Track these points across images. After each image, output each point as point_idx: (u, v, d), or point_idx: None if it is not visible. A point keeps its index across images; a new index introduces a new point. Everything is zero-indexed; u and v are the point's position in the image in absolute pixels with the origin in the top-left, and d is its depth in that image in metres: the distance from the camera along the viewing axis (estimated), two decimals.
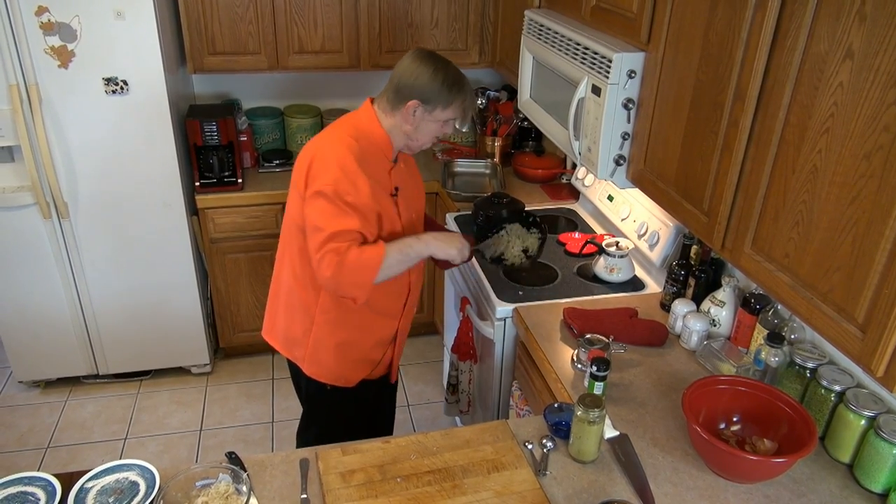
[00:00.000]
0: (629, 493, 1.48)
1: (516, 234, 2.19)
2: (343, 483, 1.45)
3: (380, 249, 1.76)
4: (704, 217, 1.62)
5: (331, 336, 1.96)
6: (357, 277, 1.74)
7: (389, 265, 1.78)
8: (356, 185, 1.74)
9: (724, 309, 1.95)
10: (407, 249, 1.82)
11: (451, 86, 1.79)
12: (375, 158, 1.84)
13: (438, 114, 1.82)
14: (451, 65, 1.83)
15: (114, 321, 3.19)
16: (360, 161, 1.77)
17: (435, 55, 1.83)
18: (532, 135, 3.46)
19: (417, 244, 1.85)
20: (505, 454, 1.54)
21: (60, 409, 3.24)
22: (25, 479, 1.43)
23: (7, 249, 2.94)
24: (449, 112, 1.83)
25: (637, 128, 1.90)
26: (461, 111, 1.86)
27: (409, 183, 1.99)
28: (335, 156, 1.76)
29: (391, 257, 1.77)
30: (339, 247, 1.71)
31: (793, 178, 1.33)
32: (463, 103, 1.84)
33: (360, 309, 1.89)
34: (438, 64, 1.80)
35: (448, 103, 1.81)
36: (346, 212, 1.73)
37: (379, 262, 1.75)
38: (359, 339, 2.00)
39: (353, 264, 1.72)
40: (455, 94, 1.81)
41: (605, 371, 1.66)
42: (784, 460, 1.43)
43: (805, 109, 1.28)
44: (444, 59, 1.83)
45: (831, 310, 1.27)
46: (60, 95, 2.70)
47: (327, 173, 1.74)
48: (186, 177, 3.10)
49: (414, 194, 2.02)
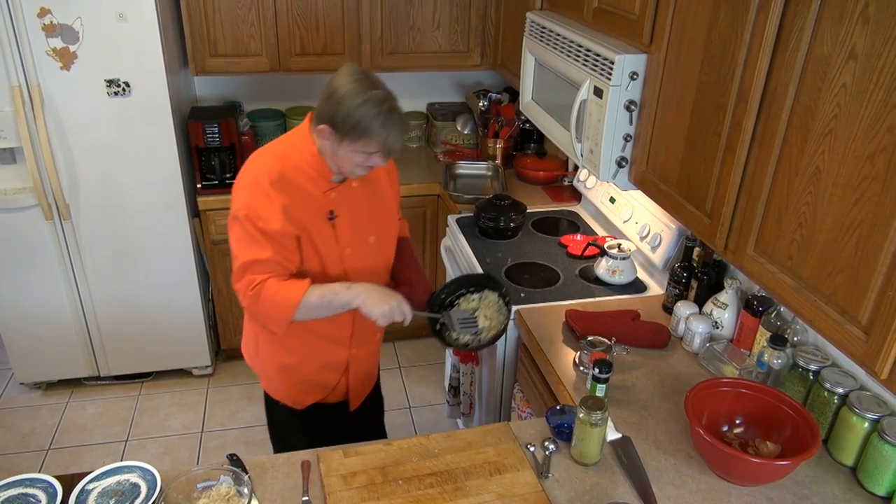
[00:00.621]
0: (632, 496, 1.48)
1: (490, 306, 1.93)
2: (345, 485, 1.44)
3: (300, 290, 1.63)
4: (707, 219, 1.62)
5: (273, 356, 1.91)
6: (272, 314, 1.65)
7: (309, 308, 1.65)
8: (268, 209, 1.61)
9: (726, 311, 1.95)
10: (330, 297, 1.66)
11: (364, 120, 1.55)
12: (305, 178, 1.67)
13: (348, 146, 1.60)
14: (376, 94, 1.56)
15: (115, 323, 3.19)
16: (279, 180, 1.63)
17: (364, 77, 1.59)
18: (534, 137, 3.46)
19: (345, 294, 1.66)
20: (507, 456, 1.53)
21: (62, 410, 3.23)
22: (26, 481, 1.43)
23: (9, 251, 2.94)
24: (360, 146, 1.59)
25: (639, 129, 1.89)
26: (380, 147, 1.60)
27: (364, 206, 1.79)
28: (251, 176, 1.66)
29: (310, 301, 1.64)
30: (254, 279, 1.63)
31: (796, 180, 1.33)
32: (380, 142, 1.59)
33: (299, 332, 1.79)
34: (359, 91, 1.56)
35: (357, 138, 1.57)
36: (257, 240, 1.62)
37: (295, 304, 1.63)
38: (301, 363, 1.89)
39: (268, 300, 1.63)
40: (367, 131, 1.56)
41: (608, 373, 1.66)
42: (787, 463, 1.42)
43: (808, 111, 1.28)
44: (369, 84, 1.58)
45: (835, 312, 1.26)
46: (62, 97, 2.70)
47: (241, 196, 1.65)
48: (188, 178, 3.10)
49: (370, 218, 1.81)
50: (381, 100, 1.57)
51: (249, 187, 1.65)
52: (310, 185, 1.69)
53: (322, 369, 1.92)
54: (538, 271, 2.43)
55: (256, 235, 1.62)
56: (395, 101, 1.60)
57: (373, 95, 1.56)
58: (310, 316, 1.68)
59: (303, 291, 1.64)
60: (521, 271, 2.41)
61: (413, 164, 3.52)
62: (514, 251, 2.55)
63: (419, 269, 1.99)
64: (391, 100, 1.60)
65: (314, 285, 1.66)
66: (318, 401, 1.97)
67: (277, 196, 1.62)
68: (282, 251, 1.65)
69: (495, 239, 2.64)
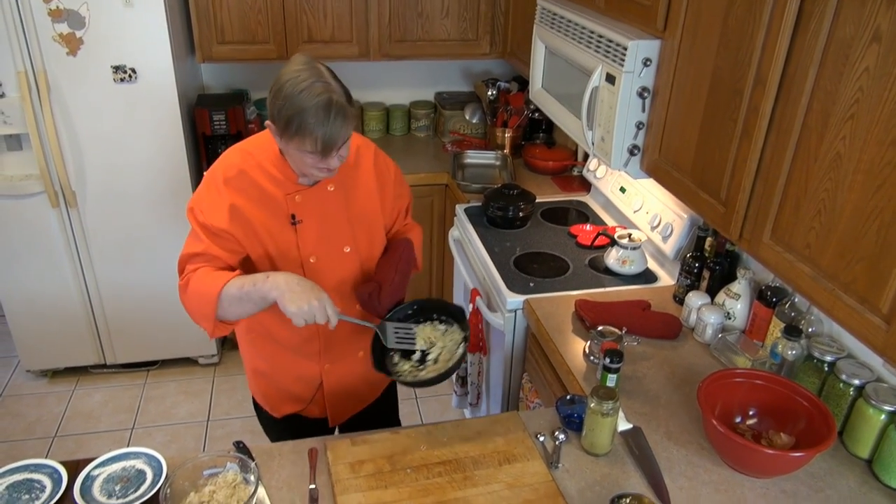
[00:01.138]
0: (643, 487, 1.45)
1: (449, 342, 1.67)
2: (352, 473, 1.42)
3: (221, 280, 1.49)
4: (721, 207, 1.59)
5: (249, 360, 1.86)
6: (197, 307, 1.53)
7: (231, 301, 1.49)
8: (213, 205, 1.54)
9: (739, 302, 1.92)
10: (248, 287, 1.48)
11: (297, 114, 1.39)
12: (267, 178, 1.56)
13: (288, 143, 1.45)
14: (314, 85, 1.39)
15: (121, 311, 3.18)
16: (235, 177, 1.54)
17: (308, 67, 1.43)
18: (543, 126, 3.43)
19: (262, 284, 1.47)
20: (516, 446, 1.51)
21: (68, 398, 3.23)
22: (31, 467, 1.42)
23: (15, 238, 2.93)
24: (296, 143, 1.44)
25: (652, 117, 1.86)
26: (313, 146, 1.42)
27: (340, 212, 1.65)
28: (211, 169, 1.59)
29: (230, 292, 1.48)
30: (190, 270, 1.55)
31: (815, 166, 1.30)
32: (313, 139, 1.40)
33: (265, 342, 1.75)
34: (298, 81, 1.40)
35: (293, 135, 1.42)
36: (197, 233, 1.56)
37: (215, 293, 1.48)
38: (271, 371, 1.82)
39: (193, 292, 1.52)
40: (300, 127, 1.39)
41: (619, 363, 1.63)
42: (802, 455, 1.40)
43: (829, 95, 1.25)
44: (311, 74, 1.40)
45: (854, 301, 1.24)
46: (69, 83, 2.69)
47: (198, 188, 1.60)
48: (194, 166, 3.08)
49: (347, 225, 1.66)
50: (319, 91, 1.39)
51: (205, 181, 1.59)
52: (271, 186, 1.57)
53: (295, 381, 1.82)
54: (547, 261, 2.40)
55: (197, 229, 1.56)
56: (337, 94, 1.41)
57: (310, 85, 1.39)
58: (236, 311, 1.52)
59: (224, 282, 1.49)
60: (530, 261, 2.39)
61: (421, 153, 3.50)
62: (522, 241, 2.53)
63: (399, 272, 1.70)
64: (332, 92, 1.40)
65: (239, 276, 1.52)
66: (295, 412, 1.88)
67: (228, 194, 1.54)
68: (221, 244, 1.55)
69: (504, 228, 2.61)
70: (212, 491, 1.34)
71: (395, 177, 1.81)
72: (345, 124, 1.44)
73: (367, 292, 1.65)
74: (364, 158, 1.72)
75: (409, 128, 3.73)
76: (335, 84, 1.43)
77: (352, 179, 1.68)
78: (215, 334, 1.57)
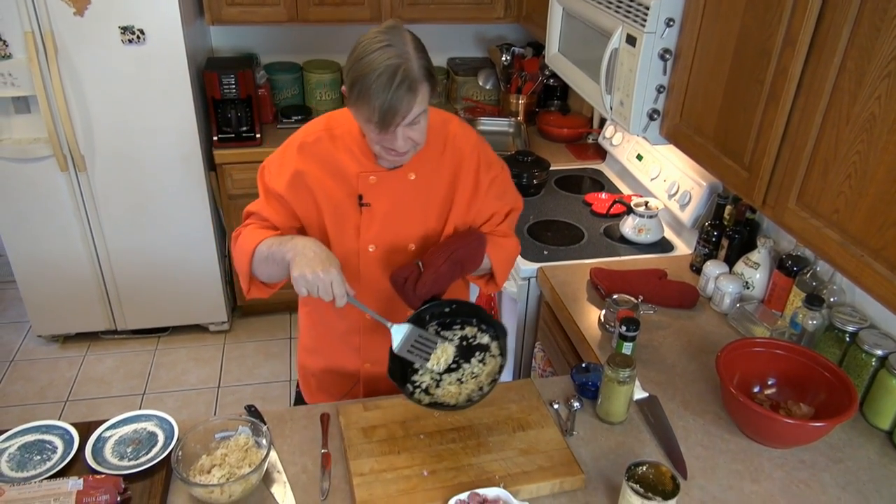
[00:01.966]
0: (659, 455, 1.44)
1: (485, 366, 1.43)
2: (365, 438, 1.41)
3: (259, 237, 1.44)
4: (745, 172, 1.54)
5: (303, 332, 1.77)
6: (237, 261, 1.48)
7: (259, 258, 1.44)
8: (279, 168, 1.49)
9: (758, 271, 1.88)
10: (275, 247, 1.40)
11: (362, 77, 1.28)
12: (345, 150, 1.47)
13: (353, 110, 1.36)
14: (388, 50, 1.27)
15: (132, 277, 3.17)
16: (313, 143, 1.48)
17: (389, 30, 1.32)
18: (557, 93, 3.36)
19: (285, 245, 1.38)
20: (530, 413, 1.49)
21: (79, 363, 3.25)
22: (43, 428, 1.41)
23: (25, 202, 2.91)
24: (356, 113, 1.34)
25: (673, 80, 1.81)
26: (369, 115, 1.30)
27: (418, 205, 1.52)
28: (294, 133, 1.53)
29: (261, 250, 1.43)
30: (245, 225, 1.52)
31: (846, 128, 1.25)
32: (371, 108, 1.29)
33: (318, 317, 1.66)
34: (372, 42, 1.29)
35: (355, 101, 1.31)
36: (261, 192, 1.53)
37: (250, 250, 1.43)
38: (316, 352, 1.72)
39: (237, 246, 1.49)
40: (363, 92, 1.28)
41: (635, 331, 1.60)
42: (823, 425, 1.37)
43: (864, 53, 1.19)
44: (389, 39, 1.29)
45: (884, 268, 1.20)
46: (76, 44, 2.64)
47: (273, 154, 1.54)
48: (204, 131, 3.04)
49: (422, 222, 1.53)
50: (389, 56, 1.27)
51: (283, 144, 1.53)
52: (348, 160, 1.47)
53: (334, 371, 1.71)
54: (562, 229, 2.36)
55: (260, 188, 1.53)
56: (411, 63, 1.28)
57: (383, 48, 1.28)
58: (266, 271, 1.45)
59: (260, 239, 1.43)
60: (544, 229, 2.35)
61: None
62: (536, 209, 2.49)
63: (450, 261, 1.45)
64: (406, 60, 1.28)
65: (274, 236, 1.44)
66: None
67: (298, 159, 1.47)
68: (275, 207, 1.50)
69: None
70: (224, 454, 1.33)
71: (502, 176, 1.61)
72: (410, 97, 1.28)
73: (403, 276, 1.43)
74: (459, 146, 1.53)
75: None
76: (415, 54, 1.30)
77: (439, 171, 1.51)
78: (251, 294, 1.52)
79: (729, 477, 1.39)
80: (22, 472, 1.31)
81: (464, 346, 1.46)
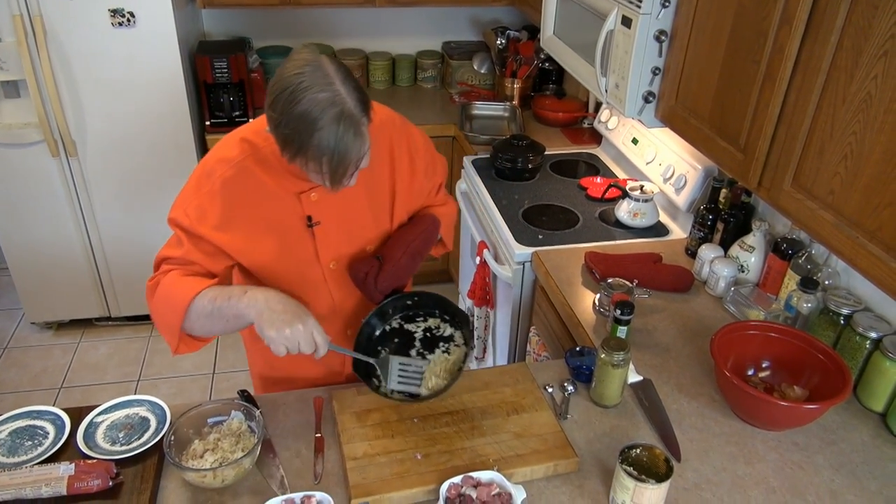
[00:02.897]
0: (653, 439, 1.43)
1: (449, 356, 1.46)
2: (358, 422, 1.40)
3: (193, 288, 1.28)
4: (740, 154, 1.53)
5: (256, 367, 1.71)
6: (162, 315, 1.32)
7: (198, 313, 1.28)
8: (203, 208, 1.33)
9: (753, 254, 1.88)
10: (222, 302, 1.26)
11: (289, 135, 1.15)
12: (274, 174, 1.34)
13: (288, 160, 1.21)
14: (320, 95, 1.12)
15: (125, 263, 3.16)
16: (234, 177, 1.32)
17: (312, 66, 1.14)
18: (553, 77, 3.34)
19: (239, 300, 1.26)
20: (525, 397, 1.49)
21: (73, 350, 3.23)
22: (34, 413, 1.40)
23: (16, 188, 2.89)
24: (305, 168, 1.21)
25: (669, 61, 1.79)
26: (315, 173, 1.20)
27: (363, 204, 1.43)
28: (202, 165, 1.37)
29: (200, 305, 1.27)
30: (164, 271, 1.35)
31: (843, 108, 1.24)
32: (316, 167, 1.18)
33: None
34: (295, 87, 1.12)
35: (288, 156, 1.19)
36: (177, 237, 1.36)
37: (184, 303, 1.27)
38: (283, 379, 1.64)
39: (161, 296, 1.31)
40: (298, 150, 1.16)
41: (629, 315, 1.60)
42: (817, 407, 1.37)
43: (861, 31, 1.18)
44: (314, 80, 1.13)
45: (879, 249, 1.19)
46: (65, 27, 2.61)
47: (183, 191, 1.37)
48: (196, 116, 3.02)
49: (372, 219, 1.46)
50: (324, 103, 1.12)
51: (195, 178, 1.36)
52: (280, 183, 1.34)
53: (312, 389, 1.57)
54: (556, 213, 2.35)
55: (178, 232, 1.35)
56: (349, 104, 1.14)
57: (313, 96, 1.12)
58: (206, 327, 1.31)
59: (196, 291, 1.27)
60: (539, 213, 2.34)
61: (427, 105, 3.42)
62: (531, 193, 2.47)
63: (408, 252, 1.46)
64: (342, 102, 1.14)
65: (214, 287, 1.30)
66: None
67: (224, 198, 1.32)
68: (205, 250, 1.35)
69: (512, 181, 2.56)
70: (216, 439, 1.33)
71: (426, 150, 1.55)
72: (359, 141, 1.18)
73: (363, 271, 1.42)
74: (389, 138, 1.46)
75: (416, 78, 3.64)
76: (345, 88, 1.15)
77: (374, 166, 1.40)
78: (179, 350, 1.36)
79: (722, 459, 1.39)
80: (13, 458, 1.30)
81: (427, 337, 1.48)
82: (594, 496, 1.30)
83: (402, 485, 1.27)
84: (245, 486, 1.29)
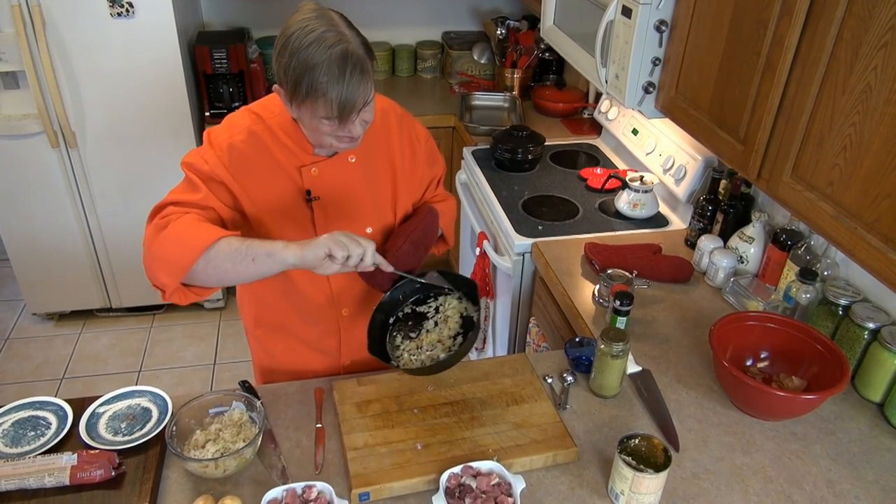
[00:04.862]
0: (652, 429, 1.44)
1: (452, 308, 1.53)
2: (359, 413, 1.41)
3: (218, 232, 1.27)
4: (740, 145, 1.53)
5: (258, 358, 1.71)
6: (171, 252, 1.26)
7: (221, 255, 1.25)
8: (216, 158, 1.36)
9: (752, 245, 1.88)
10: (250, 244, 1.26)
11: (307, 72, 1.19)
12: (279, 146, 1.38)
13: (299, 109, 1.27)
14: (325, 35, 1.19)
15: (125, 254, 3.16)
16: (244, 140, 1.36)
17: (319, 16, 1.22)
18: (553, 67, 3.33)
19: (273, 243, 1.28)
20: (524, 387, 1.50)
21: (75, 341, 3.24)
22: (36, 404, 1.41)
23: (17, 179, 2.89)
24: (306, 110, 1.26)
25: (669, 52, 1.79)
26: (326, 110, 1.23)
27: (364, 187, 1.47)
28: (212, 130, 1.40)
29: (229, 244, 1.26)
30: (174, 213, 1.31)
31: (842, 99, 1.24)
32: (326, 102, 1.21)
33: (279, 335, 1.59)
34: (306, 33, 1.20)
35: (304, 98, 1.23)
36: (192, 182, 1.35)
37: (205, 243, 1.24)
38: (284, 370, 1.65)
39: (174, 233, 1.26)
40: (311, 88, 1.20)
41: (629, 305, 1.61)
42: (815, 397, 1.38)
43: (861, 22, 1.18)
44: (323, 24, 1.21)
45: (877, 240, 1.19)
46: (64, 17, 2.60)
47: (196, 149, 1.40)
48: (196, 106, 3.01)
49: (372, 202, 1.49)
50: (331, 42, 1.19)
51: (206, 141, 1.39)
52: (284, 157, 1.39)
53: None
54: (556, 204, 2.35)
55: (193, 177, 1.35)
56: (353, 45, 1.21)
57: (320, 36, 1.19)
58: (220, 270, 1.27)
59: (220, 234, 1.26)
60: (539, 204, 2.34)
61: (427, 95, 3.41)
62: (531, 184, 2.47)
63: (410, 241, 1.49)
64: (347, 42, 1.20)
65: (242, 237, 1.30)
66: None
67: (232, 160, 1.35)
68: (221, 197, 1.36)
69: (512, 171, 2.56)
70: (218, 429, 1.34)
71: (427, 145, 1.59)
72: (365, 80, 1.23)
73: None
74: (390, 125, 1.50)
75: (416, 69, 3.63)
76: (350, 33, 1.23)
77: (375, 149, 1.46)
78: (172, 297, 1.32)
79: (721, 449, 1.40)
80: (16, 448, 1.31)
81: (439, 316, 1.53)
82: (593, 486, 1.31)
83: (402, 475, 1.28)
84: (246, 476, 1.30)
